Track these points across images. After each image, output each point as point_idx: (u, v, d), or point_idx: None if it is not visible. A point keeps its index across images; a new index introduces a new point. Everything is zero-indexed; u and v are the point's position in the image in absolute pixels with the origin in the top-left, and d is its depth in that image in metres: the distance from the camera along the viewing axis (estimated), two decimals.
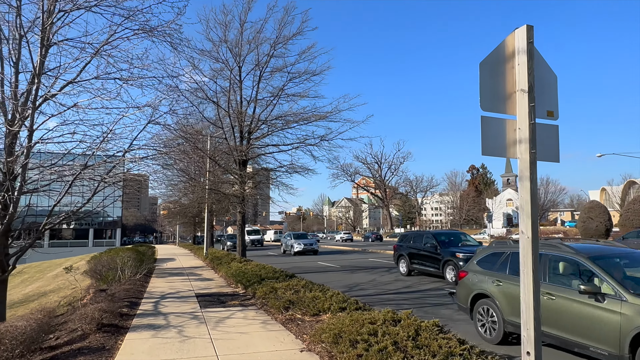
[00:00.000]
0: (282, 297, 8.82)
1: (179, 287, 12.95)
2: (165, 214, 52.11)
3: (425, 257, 16.58)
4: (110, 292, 11.66)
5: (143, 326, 7.41)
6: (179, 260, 25.38)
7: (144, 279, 14.68)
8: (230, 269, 14.66)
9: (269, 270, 12.76)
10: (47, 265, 42.55)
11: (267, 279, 11.42)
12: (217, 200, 20.22)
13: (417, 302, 11.35)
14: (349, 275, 17.87)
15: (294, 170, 19.09)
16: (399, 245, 18.73)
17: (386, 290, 13.59)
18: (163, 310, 8.98)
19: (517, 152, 4.15)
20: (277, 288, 9.80)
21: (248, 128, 18.71)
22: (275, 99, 19.10)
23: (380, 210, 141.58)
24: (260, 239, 53.81)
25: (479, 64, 4.19)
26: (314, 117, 18.66)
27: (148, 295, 11.23)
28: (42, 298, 22.03)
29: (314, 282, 10.19)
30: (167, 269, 19.34)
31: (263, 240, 56.82)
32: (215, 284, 13.66)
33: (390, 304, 10.92)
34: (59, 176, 9.78)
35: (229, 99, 18.25)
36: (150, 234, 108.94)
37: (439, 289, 13.54)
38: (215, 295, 11.09)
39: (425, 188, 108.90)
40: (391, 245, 44.15)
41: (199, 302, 10.09)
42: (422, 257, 16.78)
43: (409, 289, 13.84)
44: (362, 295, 12.14)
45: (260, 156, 19.59)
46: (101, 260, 15.60)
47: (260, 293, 9.78)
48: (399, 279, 16.26)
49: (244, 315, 8.43)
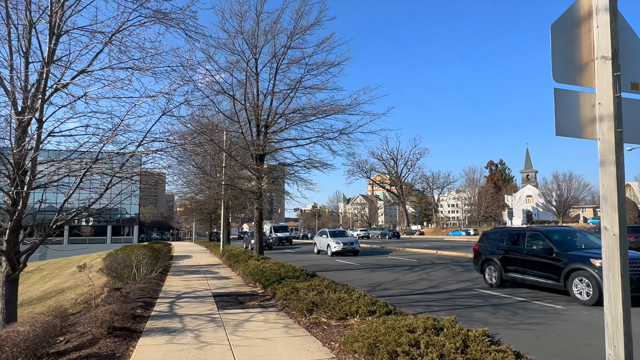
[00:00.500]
0: (305, 299, 8.22)
1: (195, 286, 12.48)
2: (182, 211, 52.17)
3: (533, 264, 12.07)
4: (124, 291, 11.25)
5: (157, 330, 6.89)
6: (195, 257, 25.07)
7: (160, 277, 14.28)
8: (248, 267, 14.15)
9: (289, 269, 12.18)
10: (66, 262, 42.90)
11: (287, 278, 10.84)
12: (233, 197, 19.73)
13: (446, 303, 10.63)
14: (370, 274, 17.20)
15: (312, 165, 18.47)
16: (483, 246, 14.62)
17: (411, 290, 12.89)
18: (179, 312, 8.47)
19: (596, 132, 3.44)
20: (299, 288, 9.21)
21: (265, 122, 18.15)
22: (292, 92, 18.49)
23: (396, 207, 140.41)
24: (288, 237, 46.31)
25: (551, 26, 3.49)
26: (332, 110, 17.98)
27: (163, 295, 10.77)
28: (59, 295, 21.91)
29: (337, 282, 9.58)
30: (183, 267, 18.97)
31: (292, 238, 49.69)
32: (232, 282, 13.16)
33: (418, 305, 10.24)
34: (70, 171, 9.35)
35: (245, 92, 17.71)
36: (167, 230, 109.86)
37: (467, 289, 12.78)
38: (233, 295, 10.56)
39: (442, 184, 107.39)
40: (409, 243, 43.27)
41: (217, 302, 9.56)
42: (527, 263, 12.29)
43: (436, 288, 13.11)
44: (386, 296, 11.47)
45: (277, 151, 19.02)
46: (116, 257, 15.25)
47: (281, 294, 9.19)
48: (423, 278, 15.52)
49: (265, 318, 7.85)
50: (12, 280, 9.10)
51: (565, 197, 65.83)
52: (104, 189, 9.64)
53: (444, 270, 18.04)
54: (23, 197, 8.52)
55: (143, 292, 10.82)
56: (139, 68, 9.20)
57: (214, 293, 10.93)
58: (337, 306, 7.54)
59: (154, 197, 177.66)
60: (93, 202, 9.45)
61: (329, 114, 18.31)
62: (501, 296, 11.47)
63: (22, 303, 23.28)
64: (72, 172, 9.22)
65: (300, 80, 18.13)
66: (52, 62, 9.59)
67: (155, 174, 12.60)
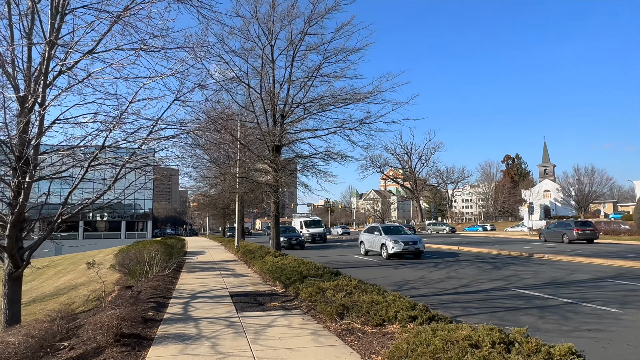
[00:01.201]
0: (333, 301, 7.37)
1: (210, 284, 11.73)
2: (195, 206, 51.79)
3: None
4: (135, 290, 10.56)
5: (170, 337, 6.11)
6: (209, 253, 24.44)
7: (173, 274, 13.58)
8: (266, 264, 13.37)
9: (310, 267, 11.35)
10: (80, 257, 42.82)
11: (310, 277, 10.01)
12: (249, 190, 18.96)
13: (485, 305, 9.69)
14: (393, 271, 16.30)
15: (331, 157, 17.59)
16: None
17: (442, 289, 11.96)
18: (194, 314, 7.69)
19: None
20: (325, 289, 8.37)
21: (281, 111, 17.30)
22: (310, 81, 17.60)
23: (409, 202, 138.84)
24: (322, 233, 38.89)
25: None
26: (352, 99, 17.05)
27: (177, 294, 10.03)
28: (72, 291, 21.47)
29: (366, 282, 8.71)
30: (197, 263, 18.30)
31: (326, 234, 41.35)
32: (250, 280, 12.38)
33: (454, 307, 9.32)
34: (75, 161, 8.62)
35: (261, 80, 16.87)
36: (181, 226, 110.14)
37: (502, 289, 11.81)
38: (252, 295, 9.77)
39: (456, 179, 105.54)
40: (426, 239, 41.83)
41: (234, 303, 8.78)
42: None
43: (468, 288, 12.17)
44: (416, 296, 10.57)
45: (294, 142, 18.18)
46: (128, 254, 14.61)
47: (305, 294, 8.36)
48: (451, 276, 14.56)
49: (289, 323, 7.03)
50: (15, 278, 8.43)
51: (587, 192, 63.76)
52: (113, 180, 8.89)
53: (471, 267, 17.04)
54: (25, 188, 7.81)
55: (155, 291, 10.09)
56: (150, 48, 8.42)
57: (230, 292, 10.15)
58: (371, 310, 6.68)
59: (167, 192, 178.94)
60: (101, 195, 8.71)
61: (349, 103, 17.41)
62: (543, 297, 10.48)
63: (35, 299, 22.94)
64: (77, 162, 8.50)
65: (318, 67, 17.23)
66: (56, 44, 8.87)
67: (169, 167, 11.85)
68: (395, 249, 20.44)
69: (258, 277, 13.02)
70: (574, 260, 18.63)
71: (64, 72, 8.60)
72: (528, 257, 20.81)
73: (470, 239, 39.36)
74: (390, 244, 20.64)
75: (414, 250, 20.85)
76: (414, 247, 20.86)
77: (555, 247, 27.11)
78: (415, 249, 20.89)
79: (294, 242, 31.05)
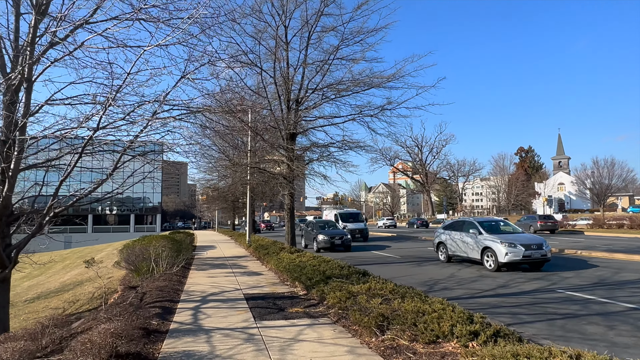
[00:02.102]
0: (369, 309, 6.22)
1: (222, 284, 10.64)
2: (204, 200, 50.92)
3: None
4: (140, 291, 9.50)
5: (176, 356, 5.00)
6: (219, 248, 23.44)
7: (182, 272, 12.54)
8: (281, 261, 12.26)
9: (333, 266, 10.21)
10: (89, 251, 42.27)
11: (334, 277, 8.88)
12: (263, 182, 17.83)
13: (536, 311, 8.46)
14: (416, 269, 15.11)
15: (349, 147, 16.37)
16: None
17: (478, 290, 10.75)
18: (205, 324, 6.59)
19: None
20: (355, 293, 7.22)
21: (296, 97, 16.10)
22: (326, 65, 16.34)
23: (418, 196, 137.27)
24: (364, 229, 30.99)
25: None
26: (372, 83, 15.79)
27: (186, 297, 8.95)
28: (77, 288, 20.63)
29: (403, 285, 7.55)
30: (207, 259, 17.28)
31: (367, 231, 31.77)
32: (265, 280, 11.28)
33: (501, 313, 8.12)
34: (69, 146, 7.53)
35: (274, 63, 15.65)
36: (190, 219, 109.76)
37: (547, 290, 10.57)
38: (270, 298, 8.65)
39: (467, 172, 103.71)
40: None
41: (251, 308, 7.67)
42: None
43: (507, 289, 10.94)
44: (451, 298, 9.39)
45: (310, 130, 16.99)
46: (134, 250, 13.60)
47: (333, 299, 7.21)
48: (483, 275, 13.34)
49: (318, 336, 5.89)
50: (1, 280, 7.39)
51: (607, 184, 61.76)
52: (112, 168, 7.79)
53: None
54: (10, 177, 6.74)
55: (162, 293, 9.03)
56: (152, 18, 7.27)
57: (245, 295, 9.05)
58: (418, 322, 5.52)
59: (176, 186, 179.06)
60: (98, 185, 7.62)
61: (368, 88, 16.15)
62: (599, 301, 9.23)
63: (39, 295, 22.14)
64: (71, 147, 7.42)
65: (336, 49, 15.96)
66: (47, 13, 7.76)
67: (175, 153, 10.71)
68: (511, 256, 13.59)
69: (274, 276, 11.92)
70: (611, 257, 17.28)
71: (55, 44, 7.48)
72: (559, 252, 19.47)
73: None
74: (503, 249, 13.78)
75: (539, 258, 13.79)
76: (539, 254, 13.75)
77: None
78: (542, 256, 13.81)
79: (337, 241, 21.98)
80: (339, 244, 22.20)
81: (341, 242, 22.28)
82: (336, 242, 22.08)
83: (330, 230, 23.37)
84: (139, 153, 8.26)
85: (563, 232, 37.93)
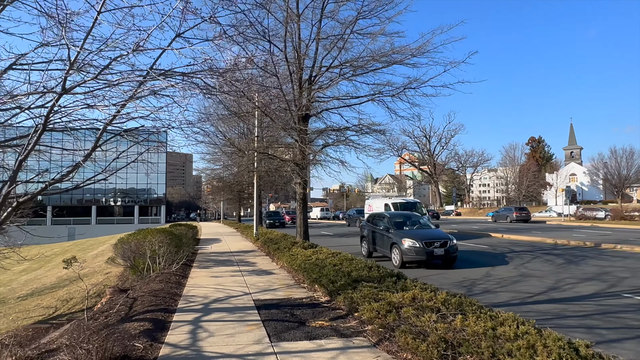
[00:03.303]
0: (424, 330, 4.67)
1: (228, 286, 9.13)
2: (209, 191, 49.54)
3: None
4: (131, 296, 8.01)
5: None
6: (224, 241, 21.99)
7: (182, 270, 11.06)
8: (295, 258, 10.72)
9: (359, 265, 8.64)
10: (91, 244, 41.24)
11: (363, 281, 7.33)
12: (274, 169, 16.25)
13: (614, 324, 6.85)
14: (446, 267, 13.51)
15: (369, 129, 14.73)
16: None
17: (527, 294, 9.17)
18: (206, 347, 5.06)
19: None
20: (397, 304, 5.67)
21: (309, 75, 14.45)
22: (341, 42, 14.63)
23: (425, 187, 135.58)
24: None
25: None
26: (393, 60, 14.09)
27: (184, 304, 7.44)
28: (72, 284, 19.29)
29: (455, 293, 5.97)
30: (211, 254, 15.82)
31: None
32: (278, 280, 9.76)
33: (573, 328, 6.55)
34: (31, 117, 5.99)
35: (285, 37, 13.97)
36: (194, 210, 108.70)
37: (611, 294, 8.98)
38: (286, 306, 7.12)
39: (475, 163, 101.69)
40: (454, 224, 38.75)
41: (264, 321, 6.14)
42: None
43: (561, 292, 9.35)
44: (499, 305, 7.86)
45: (324, 112, 15.33)
46: (130, 245, 12.13)
47: (369, 313, 5.65)
48: (523, 274, 11.74)
49: None
50: None
51: (625, 175, 59.55)
52: (91, 149, 6.24)
53: (539, 261, 14.14)
54: None
55: (156, 299, 7.53)
56: None
57: (256, 301, 7.52)
58: (500, 353, 3.95)
59: (182, 177, 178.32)
60: (72, 170, 6.07)
61: (389, 64, 14.45)
62: None
63: (33, 292, 20.83)
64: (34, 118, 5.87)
65: (353, 21, 14.23)
66: None
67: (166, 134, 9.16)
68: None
69: (287, 276, 10.40)
70: None
71: None
72: (595, 247, 17.82)
73: (504, 225, 36.26)
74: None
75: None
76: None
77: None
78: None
79: (438, 250, 12.91)
80: (440, 254, 12.86)
81: (443, 253, 12.88)
82: (436, 251, 12.82)
83: (420, 231, 14.04)
84: (123, 130, 6.70)
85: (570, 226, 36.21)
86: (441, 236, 13.57)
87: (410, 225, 14.67)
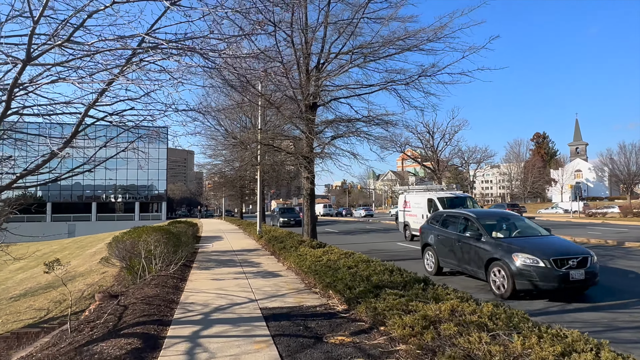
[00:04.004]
0: (475, 354, 3.75)
1: (231, 290, 8.21)
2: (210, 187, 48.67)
3: None
4: (122, 303, 7.10)
5: None
6: (226, 239, 21.08)
7: (181, 272, 10.15)
8: (304, 259, 9.80)
9: (376, 267, 7.71)
10: (90, 241, 40.44)
11: (385, 287, 6.39)
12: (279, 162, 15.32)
13: None
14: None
15: (382, 120, 13.77)
16: None
17: (561, 299, 8.23)
18: None
19: None
20: (434, 319, 4.74)
21: (317, 61, 13.48)
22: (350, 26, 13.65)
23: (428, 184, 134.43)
24: None
25: None
26: (408, 42, 13.10)
27: (181, 313, 6.52)
28: (68, 284, 18.44)
29: (499, 303, 5.04)
30: (212, 253, 14.91)
31: None
32: (286, 284, 8.83)
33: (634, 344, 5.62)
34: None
35: (292, 21, 12.98)
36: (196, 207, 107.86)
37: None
38: (298, 317, 6.19)
39: (479, 159, 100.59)
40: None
41: (274, 337, 5.22)
42: None
43: (600, 297, 8.41)
44: (536, 313, 6.93)
45: (332, 102, 14.36)
46: (125, 244, 11.22)
47: (401, 330, 4.71)
48: None
49: None
50: None
51: (635, 171, 58.43)
52: (70, 135, 5.33)
53: None
54: None
55: (150, 307, 6.61)
56: None
57: (264, 310, 6.60)
58: None
59: (183, 174, 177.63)
60: (47, 160, 5.16)
61: (402, 50, 13.46)
62: None
63: (27, 292, 19.96)
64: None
65: (365, 4, 13.24)
66: None
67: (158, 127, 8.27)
68: None
69: (295, 278, 9.47)
70: None
71: None
72: (618, 245, 16.88)
73: None
74: None
75: None
76: None
77: None
78: None
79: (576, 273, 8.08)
80: (580, 279, 8.23)
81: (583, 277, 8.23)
82: (573, 274, 8.16)
83: (535, 241, 9.42)
84: (109, 113, 5.77)
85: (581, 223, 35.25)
86: (575, 250, 8.75)
87: (507, 231, 10.08)
